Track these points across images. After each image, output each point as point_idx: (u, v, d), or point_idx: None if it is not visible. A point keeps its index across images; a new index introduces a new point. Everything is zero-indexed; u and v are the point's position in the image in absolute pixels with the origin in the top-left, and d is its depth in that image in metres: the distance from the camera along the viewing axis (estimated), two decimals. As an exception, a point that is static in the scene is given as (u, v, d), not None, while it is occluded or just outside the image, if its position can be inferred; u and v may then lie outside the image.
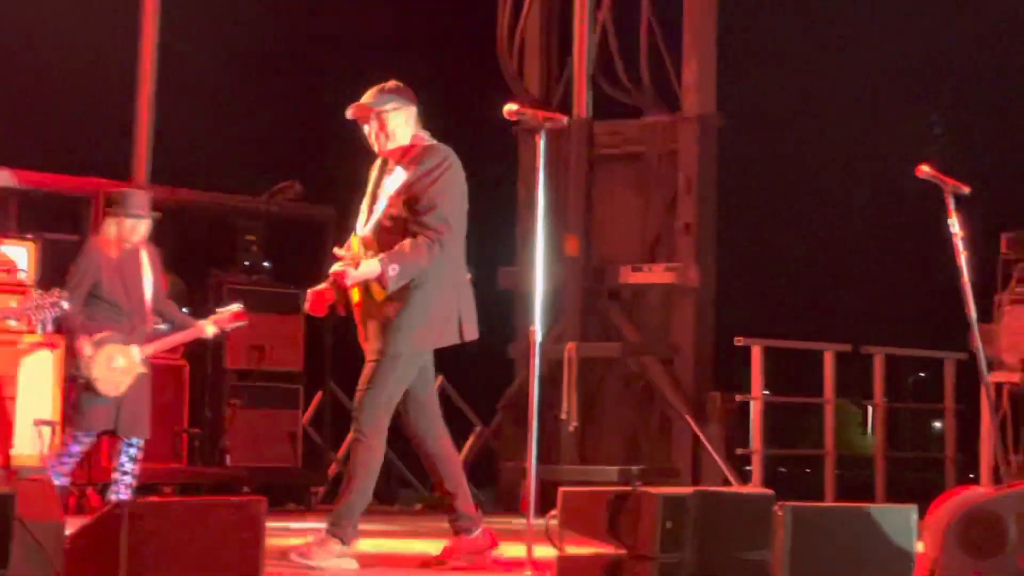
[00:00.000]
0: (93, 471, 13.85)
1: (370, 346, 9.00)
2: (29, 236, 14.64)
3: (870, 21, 16.12)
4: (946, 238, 9.56)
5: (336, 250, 9.28)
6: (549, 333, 8.93)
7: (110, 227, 12.22)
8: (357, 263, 8.87)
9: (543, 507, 7.87)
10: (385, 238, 8.94)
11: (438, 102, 15.49)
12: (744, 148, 16.25)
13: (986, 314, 12.57)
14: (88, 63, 17.10)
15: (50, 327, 13.47)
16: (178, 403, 14.83)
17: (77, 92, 16.73)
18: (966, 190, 9.57)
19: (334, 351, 16.70)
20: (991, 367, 12.44)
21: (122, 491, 12.09)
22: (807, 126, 15.88)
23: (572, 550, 6.45)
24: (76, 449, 12.30)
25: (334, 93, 16.55)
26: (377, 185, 9.27)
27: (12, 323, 12.85)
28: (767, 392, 15.29)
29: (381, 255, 8.80)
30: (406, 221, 8.91)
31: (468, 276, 9.31)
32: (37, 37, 16.95)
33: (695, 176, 15.97)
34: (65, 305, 11.81)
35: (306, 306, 9.51)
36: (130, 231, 12.03)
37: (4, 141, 15.30)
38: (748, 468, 15.09)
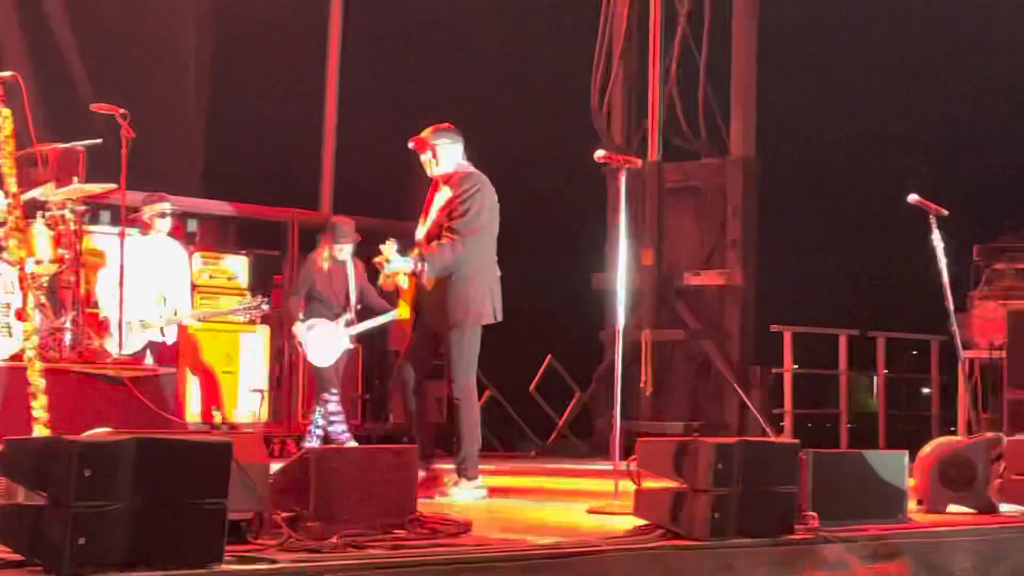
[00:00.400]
0: (290, 425, 13.99)
1: (431, 323, 9.08)
2: (244, 251, 14.77)
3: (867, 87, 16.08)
4: (931, 249, 9.55)
5: (380, 247, 9.32)
6: (630, 322, 8.92)
7: (323, 248, 12.46)
8: (388, 259, 9.00)
9: (626, 453, 7.88)
10: (432, 241, 9.04)
11: (547, 150, 15.63)
12: (777, 182, 16.15)
13: (961, 306, 12.51)
14: (285, 117, 17.16)
15: (257, 320, 13.66)
16: (354, 375, 14.87)
17: (279, 142, 16.83)
18: (945, 213, 9.55)
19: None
20: (965, 347, 12.37)
21: (313, 441, 12.18)
22: (826, 163, 15.79)
23: (647, 485, 6.45)
24: (332, 408, 12.40)
25: (481, 134, 16.66)
26: (429, 202, 9.32)
27: (231, 317, 13.01)
28: (796, 366, 15.23)
29: (414, 254, 8.94)
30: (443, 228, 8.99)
31: (498, 273, 9.29)
32: (253, 98, 16.96)
33: (740, 204, 15.94)
34: (265, 307, 12.20)
35: (382, 281, 9.63)
36: (338, 252, 12.32)
37: (229, 179, 15.46)
38: (781, 424, 15.03)
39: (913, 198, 9.60)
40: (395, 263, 9.02)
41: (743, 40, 16.17)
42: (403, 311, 9.40)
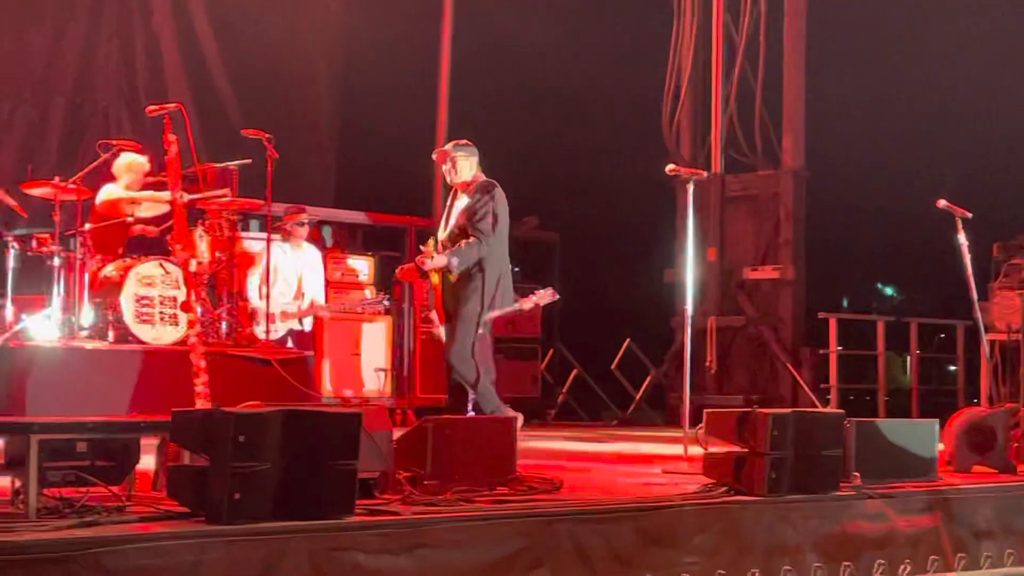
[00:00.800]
0: (410, 398, 14.03)
1: (450, 311, 8.91)
2: (369, 253, 14.84)
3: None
4: (957, 246, 9.46)
5: (421, 247, 9.37)
6: (697, 311, 8.89)
7: None
8: (431, 256, 8.94)
9: (694, 422, 7.87)
10: (455, 241, 8.94)
11: (627, 165, 15.61)
12: (824, 190, 16.03)
13: (983, 296, 12.38)
14: (402, 136, 17.16)
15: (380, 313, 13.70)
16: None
17: (398, 158, 16.90)
18: (969, 215, 9.45)
19: (560, 323, 16.75)
20: (987, 330, 12.22)
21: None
22: (865, 173, 15.66)
23: (713, 449, 6.44)
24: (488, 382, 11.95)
25: (557, 148, 16.75)
26: (450, 207, 9.17)
27: (358, 309, 13.06)
28: (840, 348, 15.10)
29: (447, 251, 8.86)
30: (466, 230, 8.90)
31: (508, 266, 9.26)
32: (375, 120, 17.05)
33: (791, 209, 15.84)
34: (386, 303, 12.03)
35: (398, 273, 9.58)
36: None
37: (357, 191, 15.57)
38: (828, 397, 14.90)
39: (942, 203, 9.51)
40: (435, 259, 8.96)
41: (793, 68, 16.06)
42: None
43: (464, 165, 9.08)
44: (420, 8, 17.60)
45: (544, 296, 10.77)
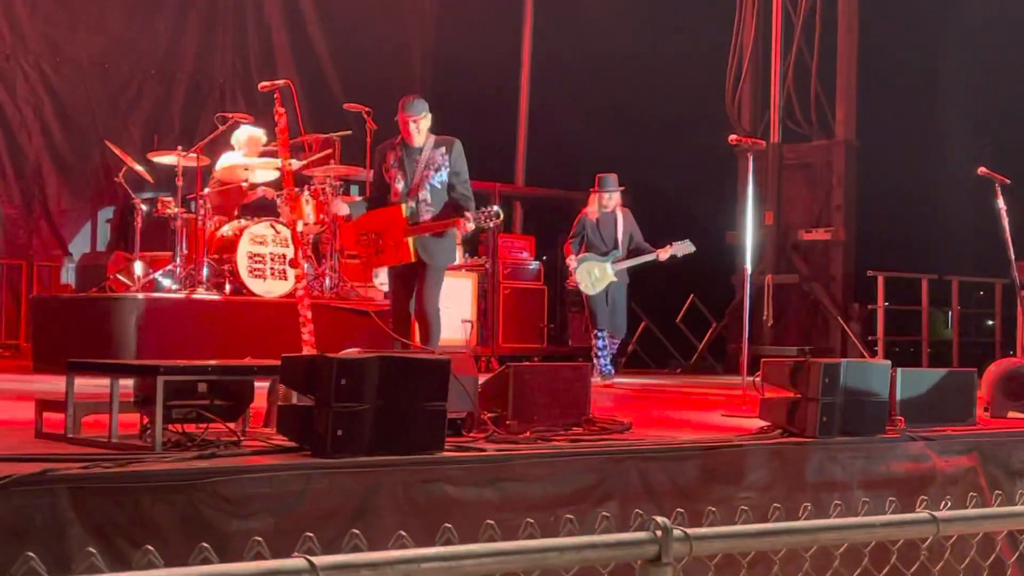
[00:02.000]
0: (493, 347, 14.07)
1: (425, 264, 8.22)
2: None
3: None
4: (996, 210, 9.33)
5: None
6: (756, 269, 8.83)
7: (592, 201, 11.36)
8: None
9: (752, 370, 7.83)
10: (437, 196, 8.29)
11: (695, 136, 15.51)
12: (873, 158, 15.84)
13: (1020, 256, 12.17)
14: (490, 111, 17.18)
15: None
16: (540, 310, 14.85)
17: (486, 129, 16.90)
18: (1008, 181, 9.33)
19: (631, 280, 16.63)
20: (1023, 287, 12.08)
21: (604, 368, 11.13)
22: (912, 143, 15.42)
23: (769, 395, 6.42)
24: (601, 344, 11.24)
25: (630, 119, 16.68)
26: (405, 162, 8.32)
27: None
28: (887, 303, 14.95)
29: (466, 211, 8.20)
30: (452, 187, 8.30)
31: None
32: (463, 96, 17.08)
33: (843, 176, 15.69)
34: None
35: None
36: (607, 200, 11.17)
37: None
38: (875, 348, 14.77)
39: (982, 170, 9.38)
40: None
41: (846, 47, 15.87)
42: None
43: (425, 124, 8.42)
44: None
45: (681, 247, 11.07)
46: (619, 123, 16.17)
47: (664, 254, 11.06)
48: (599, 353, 11.14)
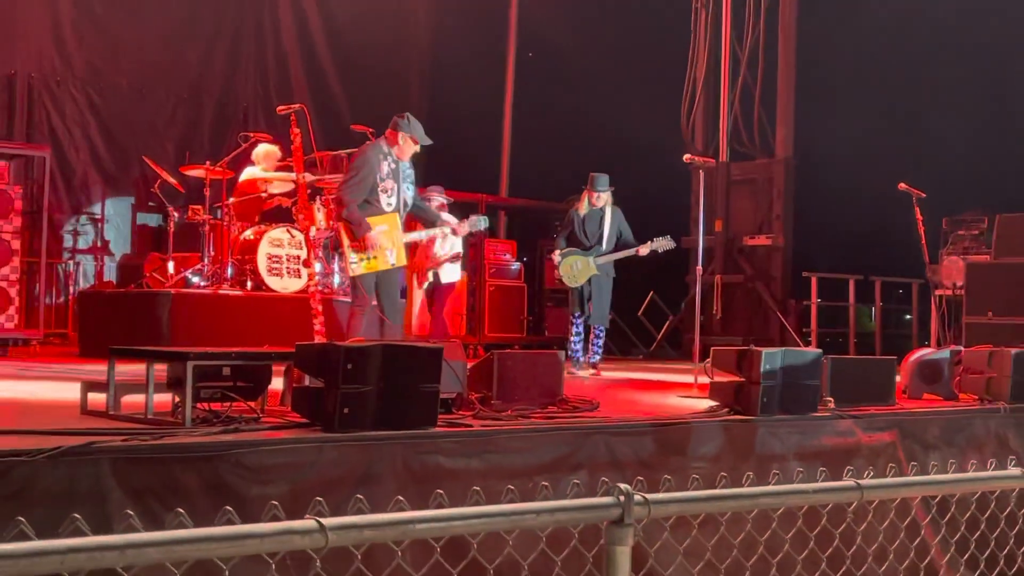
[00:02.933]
0: (479, 336, 14.05)
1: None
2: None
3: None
4: (913, 220, 9.37)
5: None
6: (707, 270, 8.82)
7: (584, 197, 10.41)
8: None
9: (703, 357, 7.83)
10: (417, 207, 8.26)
11: (654, 153, 15.53)
12: (809, 174, 15.88)
13: (934, 260, 12.25)
14: (476, 128, 17.18)
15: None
16: (521, 304, 14.85)
17: (473, 145, 16.89)
18: (923, 195, 9.38)
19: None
20: (936, 287, 12.15)
21: (593, 358, 10.27)
22: (841, 160, 15.46)
23: (718, 379, 6.42)
24: (575, 330, 10.28)
25: (599, 139, 16.67)
26: (395, 176, 7.95)
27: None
28: (819, 300, 14.99)
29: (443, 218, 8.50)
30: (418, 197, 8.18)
31: None
32: (455, 114, 17.07)
33: (782, 189, 15.72)
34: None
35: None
36: (596, 199, 10.23)
37: (441, 172, 15.53)
38: (809, 339, 14.81)
39: (902, 185, 9.43)
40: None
41: (785, 77, 15.91)
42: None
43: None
44: (490, 20, 17.60)
45: (661, 243, 10.30)
46: (592, 142, 16.18)
47: (644, 249, 10.25)
48: (572, 340, 10.32)
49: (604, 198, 10.32)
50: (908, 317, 15.92)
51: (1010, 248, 11.08)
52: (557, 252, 10.34)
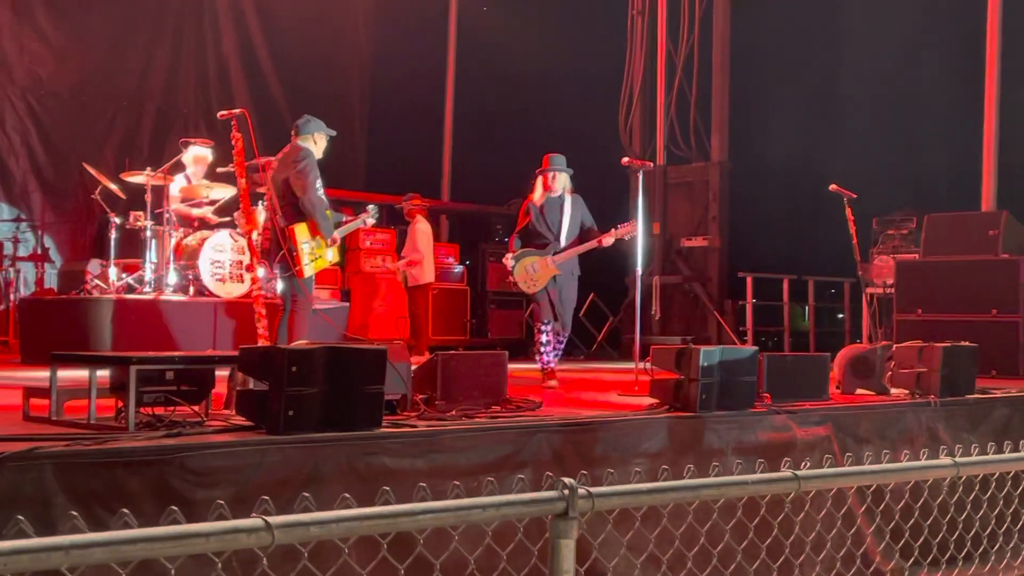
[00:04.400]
0: (424, 339, 14.00)
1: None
2: (391, 227, 14.79)
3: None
4: (845, 220, 9.47)
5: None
6: (645, 271, 8.82)
7: (536, 184, 8.98)
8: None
9: (643, 357, 7.87)
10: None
11: (593, 157, 15.59)
12: (743, 176, 16.03)
13: (865, 259, 12.41)
14: (418, 133, 17.19)
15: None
16: (464, 307, 14.87)
17: (415, 149, 16.88)
18: (855, 196, 9.48)
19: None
20: (867, 285, 12.32)
21: (551, 361, 8.82)
22: (774, 162, 15.64)
23: (658, 377, 6.46)
24: (544, 339, 8.82)
25: (538, 142, 16.71)
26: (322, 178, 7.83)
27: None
28: (755, 299, 15.13)
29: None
30: None
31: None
32: (397, 119, 16.99)
33: (717, 192, 15.84)
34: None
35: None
36: (552, 181, 8.83)
37: (384, 177, 15.48)
38: (745, 337, 14.95)
39: (833, 187, 9.52)
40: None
41: (719, 82, 16.04)
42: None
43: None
44: (430, 25, 17.60)
45: (625, 229, 8.92)
46: (532, 146, 16.19)
47: (608, 239, 8.84)
48: (542, 349, 8.89)
49: (562, 180, 8.92)
50: (841, 315, 16.13)
51: (938, 247, 11.25)
52: (509, 255, 8.88)
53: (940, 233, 11.30)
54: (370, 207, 8.76)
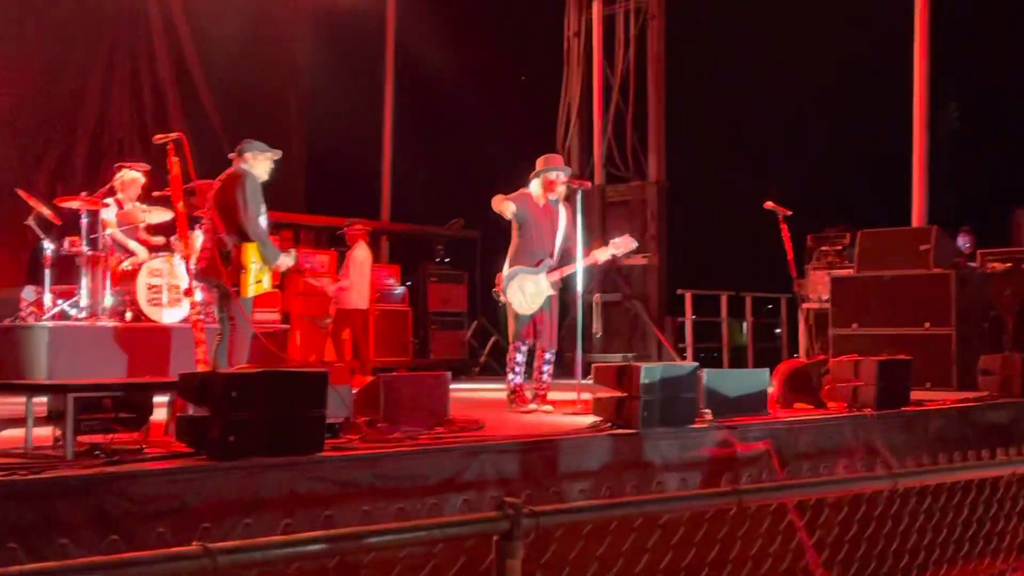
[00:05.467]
0: (360, 364, 13.93)
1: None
2: (332, 249, 14.70)
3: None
4: (780, 237, 9.57)
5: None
6: (586, 289, 8.80)
7: (535, 185, 8.34)
8: None
9: (585, 374, 7.90)
10: None
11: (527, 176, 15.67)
12: (681, 195, 16.18)
13: (801, 274, 12.56)
14: (357, 154, 17.12)
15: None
16: (406, 328, 14.82)
17: (354, 171, 16.82)
18: (789, 213, 9.59)
19: (481, 301, 16.77)
20: (803, 301, 12.46)
21: (540, 386, 8.40)
22: (710, 181, 15.83)
23: (600, 394, 6.49)
24: (520, 358, 8.33)
25: (478, 163, 16.74)
26: (265, 203, 7.62)
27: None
28: (694, 316, 15.26)
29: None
30: None
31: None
32: (335, 140, 16.93)
33: (655, 211, 15.98)
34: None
35: None
36: (554, 182, 8.26)
37: (323, 198, 15.39)
38: (685, 353, 15.05)
39: (768, 204, 9.63)
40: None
41: (655, 103, 16.19)
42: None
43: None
44: (367, 47, 17.59)
45: (620, 244, 8.49)
46: (471, 167, 16.25)
47: (603, 254, 8.40)
48: (516, 368, 8.34)
49: (563, 180, 8.29)
50: (778, 330, 16.30)
51: (872, 262, 11.42)
52: (504, 275, 8.25)
53: (873, 248, 11.47)
54: (291, 251, 8.54)
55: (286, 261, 8.04)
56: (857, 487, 3.59)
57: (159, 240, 10.87)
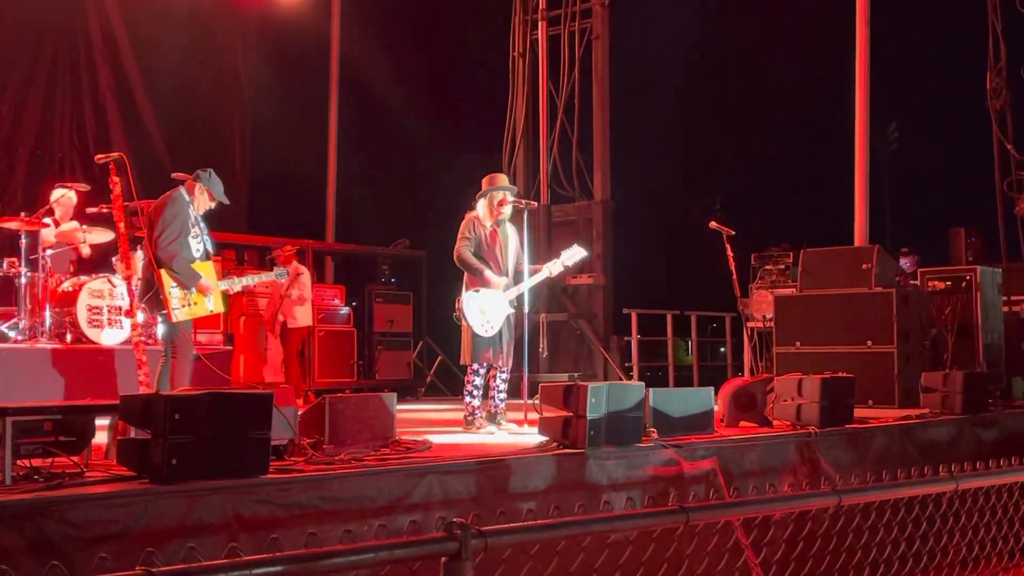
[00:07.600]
0: (309, 382, 13.84)
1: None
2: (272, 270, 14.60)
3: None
4: (725, 256, 9.66)
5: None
6: (532, 309, 8.78)
7: (481, 206, 8.30)
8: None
9: (532, 393, 7.89)
10: None
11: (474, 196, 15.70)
12: (626, 215, 16.31)
13: (745, 293, 12.68)
14: (301, 174, 17.07)
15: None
16: (351, 348, 14.75)
17: (298, 191, 16.71)
18: (733, 233, 9.69)
19: (427, 321, 16.75)
20: (748, 320, 12.59)
21: (499, 406, 8.29)
22: (656, 202, 15.96)
23: (547, 413, 6.48)
24: (478, 381, 8.17)
25: (423, 185, 16.77)
26: (198, 225, 7.69)
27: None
28: (639, 335, 15.34)
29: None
30: None
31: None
32: (279, 160, 16.83)
33: (601, 231, 16.05)
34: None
35: None
36: (499, 208, 8.22)
37: (265, 219, 15.23)
38: (631, 372, 15.12)
39: (713, 224, 9.72)
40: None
41: (600, 123, 16.29)
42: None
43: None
44: (311, 67, 17.54)
45: (570, 255, 8.36)
46: (416, 188, 16.27)
47: (556, 267, 8.32)
48: (473, 392, 8.24)
49: (510, 200, 8.27)
50: (723, 349, 16.44)
51: (814, 281, 11.55)
52: (463, 300, 8.11)
53: (816, 267, 11.60)
54: (283, 269, 8.56)
55: (234, 284, 7.99)
56: (802, 504, 3.62)
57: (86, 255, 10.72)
